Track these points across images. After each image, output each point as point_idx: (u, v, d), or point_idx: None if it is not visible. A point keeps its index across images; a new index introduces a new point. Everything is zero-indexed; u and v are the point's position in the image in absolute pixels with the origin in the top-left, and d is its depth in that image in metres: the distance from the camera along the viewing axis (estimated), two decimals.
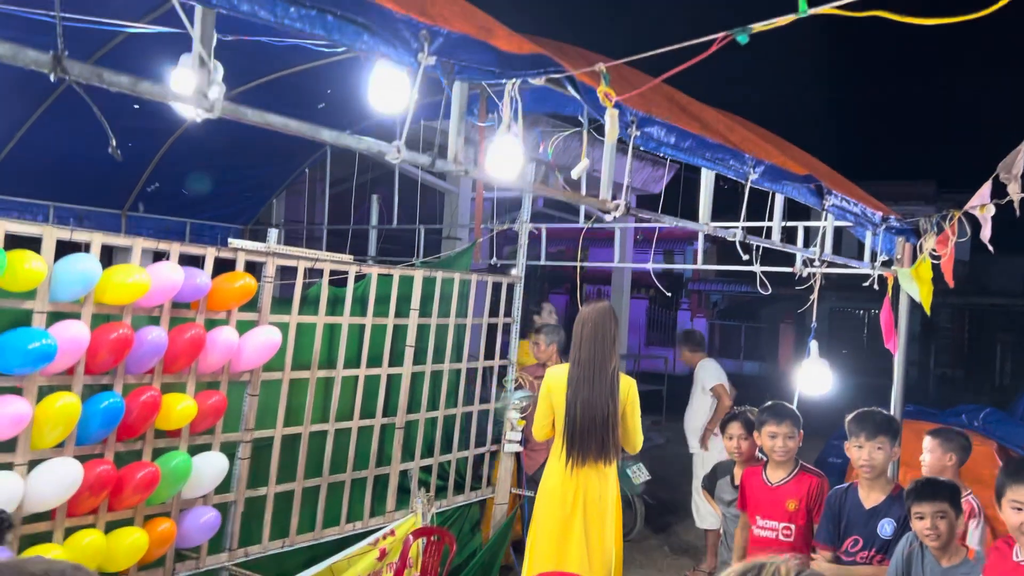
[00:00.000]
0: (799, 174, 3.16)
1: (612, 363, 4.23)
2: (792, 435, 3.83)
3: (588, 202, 2.56)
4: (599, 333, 4.22)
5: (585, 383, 4.21)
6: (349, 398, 4.46)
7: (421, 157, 1.98)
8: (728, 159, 2.73)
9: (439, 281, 4.88)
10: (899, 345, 4.39)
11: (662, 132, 2.45)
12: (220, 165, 6.34)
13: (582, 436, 4.22)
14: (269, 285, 3.92)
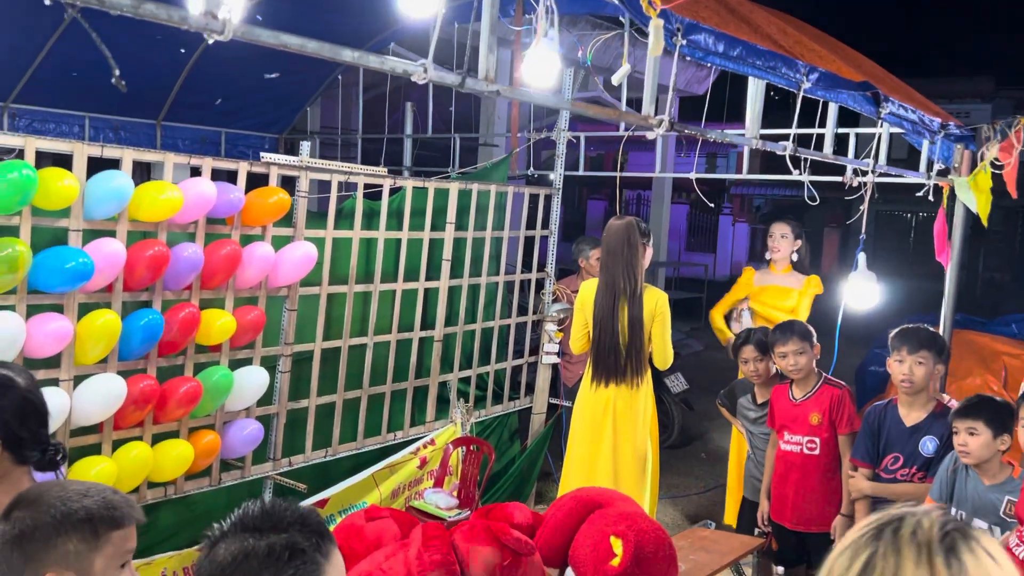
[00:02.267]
0: (855, 81, 2.97)
1: (635, 280, 4.14)
2: (802, 351, 3.79)
3: (629, 119, 2.43)
4: (620, 251, 4.14)
5: (607, 304, 4.18)
6: (387, 311, 4.46)
7: (449, 76, 1.87)
8: (780, 67, 2.56)
9: (475, 193, 4.79)
10: (952, 258, 4.22)
11: (710, 40, 2.29)
12: (253, 72, 6.21)
13: (605, 356, 4.22)
14: (303, 200, 3.87)
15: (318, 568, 1.33)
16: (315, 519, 1.39)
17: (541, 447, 5.45)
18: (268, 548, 1.31)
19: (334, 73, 6.79)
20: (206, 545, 1.36)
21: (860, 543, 0.98)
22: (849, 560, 0.97)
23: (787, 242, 4.98)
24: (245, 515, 1.37)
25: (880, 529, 0.97)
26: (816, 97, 3.03)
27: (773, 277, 5.06)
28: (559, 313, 5.35)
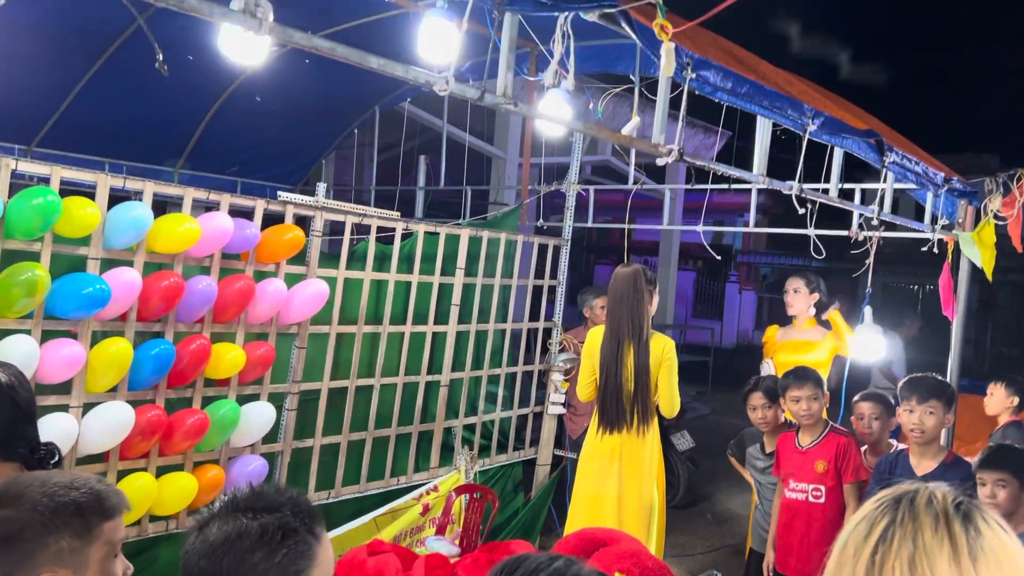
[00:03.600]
0: (859, 128, 3.05)
1: (641, 326, 4.15)
2: (816, 396, 3.79)
3: (641, 146, 2.50)
4: (627, 297, 4.16)
5: (613, 349, 4.18)
6: (395, 354, 4.48)
7: (470, 90, 1.94)
8: (786, 108, 2.64)
9: (485, 240, 4.86)
10: (958, 312, 4.25)
11: (718, 77, 2.37)
12: (270, 124, 6.38)
13: (612, 402, 4.20)
14: (317, 239, 3.94)
15: (310, 549, 1.33)
16: (306, 501, 1.39)
17: (545, 499, 5.39)
18: (261, 528, 1.31)
19: (350, 127, 6.96)
20: (195, 526, 1.36)
21: (877, 514, 0.99)
22: (867, 529, 0.98)
23: (801, 296, 4.95)
24: (236, 497, 1.36)
25: (897, 500, 0.98)
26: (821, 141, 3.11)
27: (795, 332, 5.04)
28: (566, 363, 5.35)
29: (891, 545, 0.94)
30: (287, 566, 1.31)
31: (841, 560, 0.98)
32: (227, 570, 1.30)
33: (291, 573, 1.31)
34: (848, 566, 0.96)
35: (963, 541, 0.93)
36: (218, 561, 1.30)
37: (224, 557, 1.30)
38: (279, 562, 1.30)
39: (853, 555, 0.97)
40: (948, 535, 0.94)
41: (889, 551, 0.94)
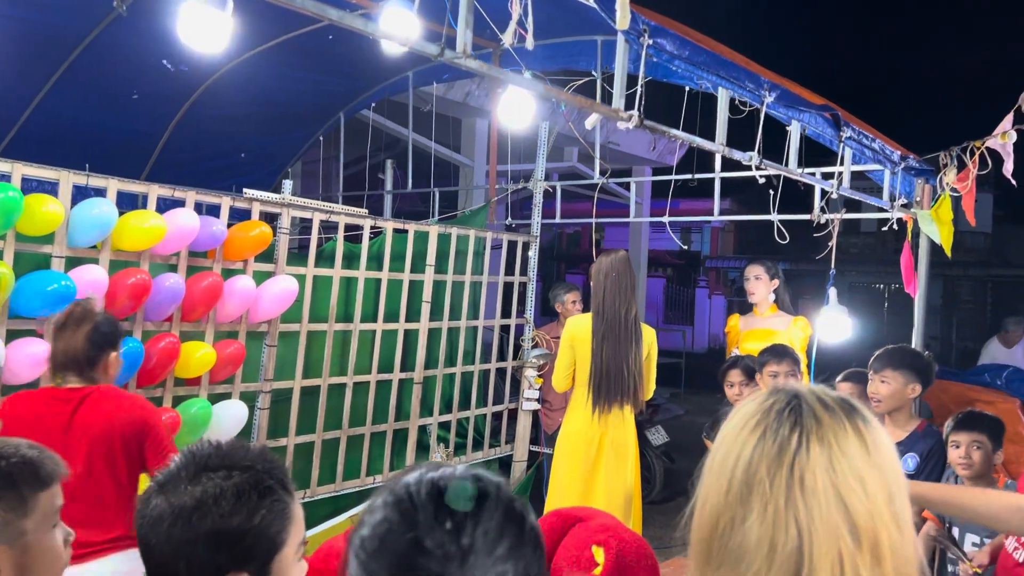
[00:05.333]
0: (816, 102, 3.12)
1: (634, 310, 4.25)
2: (793, 372, 3.83)
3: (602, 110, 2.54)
4: (620, 282, 4.22)
5: (611, 332, 4.22)
6: (367, 352, 4.47)
7: (430, 46, 1.96)
8: (743, 79, 2.70)
9: (454, 238, 4.88)
10: (919, 287, 4.34)
11: (675, 44, 2.42)
12: (235, 133, 6.34)
13: (609, 383, 4.23)
14: (285, 236, 3.93)
15: (287, 507, 1.25)
16: (274, 456, 1.30)
17: (522, 495, 5.38)
18: (236, 488, 1.20)
19: (316, 135, 6.95)
20: (152, 489, 1.22)
21: (779, 426, 0.95)
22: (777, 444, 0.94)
23: (762, 283, 5.01)
24: (198, 455, 1.23)
25: (791, 409, 0.96)
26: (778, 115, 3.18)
27: (757, 320, 5.09)
28: (539, 359, 5.37)
29: (808, 452, 0.92)
30: (267, 527, 1.21)
31: (751, 483, 0.94)
32: (204, 536, 1.18)
33: (272, 534, 1.22)
34: (762, 486, 0.93)
35: (866, 434, 0.94)
36: (193, 527, 1.18)
37: (201, 522, 1.18)
38: (259, 523, 1.20)
39: (767, 473, 0.93)
40: (855, 431, 0.94)
41: (808, 459, 0.92)
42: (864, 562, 0.89)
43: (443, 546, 0.88)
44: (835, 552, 0.89)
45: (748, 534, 0.93)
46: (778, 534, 0.91)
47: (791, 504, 0.91)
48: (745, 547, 0.93)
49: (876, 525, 0.90)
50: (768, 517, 0.92)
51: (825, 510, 0.90)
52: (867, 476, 0.92)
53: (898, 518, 0.92)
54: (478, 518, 0.91)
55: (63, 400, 2.55)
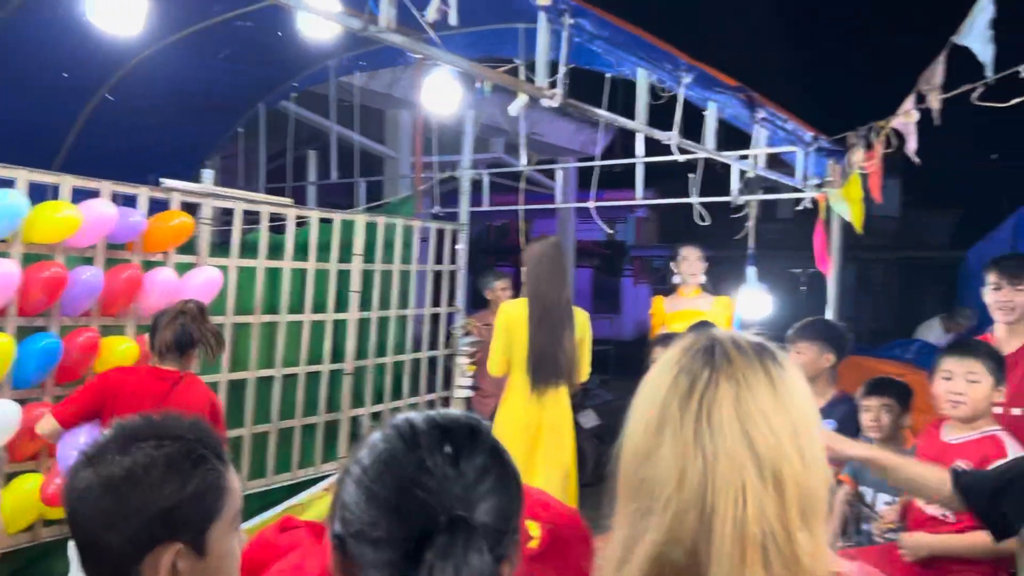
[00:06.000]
0: (731, 84, 3.23)
1: (567, 294, 4.32)
2: None
3: (525, 88, 2.57)
4: (553, 267, 4.29)
5: (547, 315, 4.28)
6: (295, 344, 4.42)
7: (353, 20, 1.96)
8: (662, 60, 2.77)
9: (381, 227, 4.85)
10: (833, 265, 4.52)
11: (595, 25, 2.47)
12: (149, 126, 6.16)
13: (546, 365, 4.29)
14: (206, 227, 3.85)
15: (221, 476, 1.22)
16: (206, 426, 1.27)
17: None
18: (167, 457, 1.17)
19: (234, 125, 6.80)
20: (81, 462, 1.18)
21: (694, 366, 1.00)
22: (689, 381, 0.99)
23: (701, 264, 5.07)
24: (128, 428, 1.21)
25: (708, 350, 1.01)
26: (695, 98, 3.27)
27: (683, 301, 5.19)
28: (471, 347, 5.39)
29: (717, 389, 0.97)
30: (201, 496, 1.19)
31: (664, 416, 0.99)
32: (136, 507, 1.15)
33: (206, 503, 1.19)
34: (673, 421, 0.98)
35: (776, 374, 0.99)
36: (124, 498, 1.14)
37: (131, 492, 1.15)
38: (193, 492, 1.18)
39: (678, 408, 0.98)
40: (764, 371, 0.99)
41: (716, 395, 0.97)
42: (766, 491, 0.94)
43: (443, 467, 0.93)
44: (738, 482, 0.94)
45: (659, 465, 0.97)
46: (686, 465, 0.96)
47: (698, 437, 0.96)
48: (656, 478, 0.97)
49: (778, 458, 0.95)
50: (677, 449, 0.96)
51: (730, 443, 0.95)
52: (772, 413, 0.97)
53: (803, 453, 0.97)
54: (473, 449, 0.96)
55: (162, 379, 2.99)
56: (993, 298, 3.35)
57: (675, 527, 0.95)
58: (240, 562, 1.26)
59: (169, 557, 1.14)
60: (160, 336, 3.03)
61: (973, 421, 2.75)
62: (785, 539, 0.94)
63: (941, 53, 3.51)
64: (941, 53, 3.51)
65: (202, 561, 1.17)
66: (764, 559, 0.93)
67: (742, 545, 0.92)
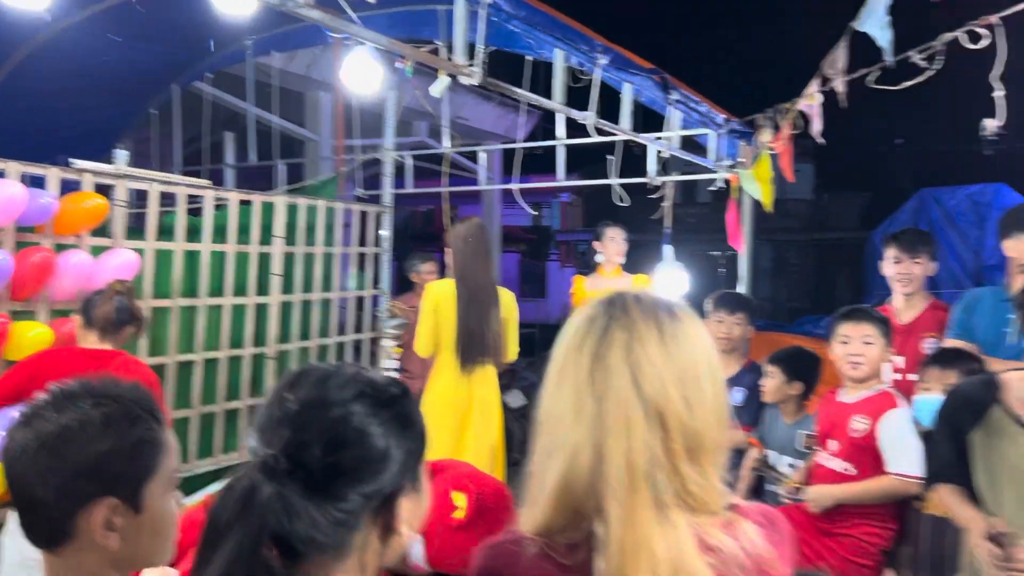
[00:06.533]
0: (646, 66, 3.33)
1: (492, 274, 4.39)
2: None
3: (443, 65, 2.61)
4: (478, 246, 4.34)
5: (474, 295, 4.33)
6: (215, 328, 4.36)
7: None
8: (578, 41, 2.84)
9: (303, 210, 4.82)
10: (745, 242, 4.71)
11: (513, 5, 2.52)
12: (54, 109, 5.94)
13: (474, 344, 4.34)
14: (121, 208, 3.77)
15: (158, 435, 1.25)
16: (142, 388, 1.29)
17: None
18: (104, 416, 1.20)
19: (146, 107, 6.61)
20: (19, 422, 1.21)
21: (595, 315, 1.12)
22: (587, 328, 1.11)
23: (619, 242, 5.16)
24: (64, 390, 1.23)
25: (610, 303, 1.13)
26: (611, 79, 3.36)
27: (604, 280, 5.29)
28: (396, 329, 5.40)
29: (611, 337, 1.08)
30: (137, 454, 1.21)
31: (566, 362, 1.10)
32: (71, 462, 1.17)
33: (142, 461, 1.22)
34: (572, 364, 1.08)
35: (667, 327, 1.10)
36: (59, 455, 1.17)
37: (67, 449, 1.17)
38: (128, 450, 1.20)
39: (577, 351, 1.09)
40: (655, 323, 1.10)
41: (611, 342, 1.08)
42: (651, 430, 1.04)
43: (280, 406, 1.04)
44: (625, 419, 1.04)
45: (560, 405, 1.09)
46: (581, 402, 1.06)
47: (593, 378, 1.07)
48: (558, 416, 1.09)
49: (662, 401, 1.05)
50: (576, 389, 1.07)
51: (619, 384, 1.06)
52: (659, 360, 1.07)
53: (688, 400, 1.07)
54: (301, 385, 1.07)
55: (96, 358, 2.96)
56: (893, 271, 3.56)
57: (573, 462, 1.05)
58: (177, 522, 1.28)
59: (103, 512, 1.16)
60: (100, 311, 3.03)
61: (867, 381, 2.96)
62: (672, 471, 1.04)
63: (843, 38, 3.67)
64: (843, 38, 3.67)
65: (138, 517, 1.19)
66: (653, 488, 1.03)
67: (631, 476, 1.03)
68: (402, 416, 1.09)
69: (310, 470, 1.00)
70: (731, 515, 1.09)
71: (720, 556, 1.04)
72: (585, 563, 1.04)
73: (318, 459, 1.01)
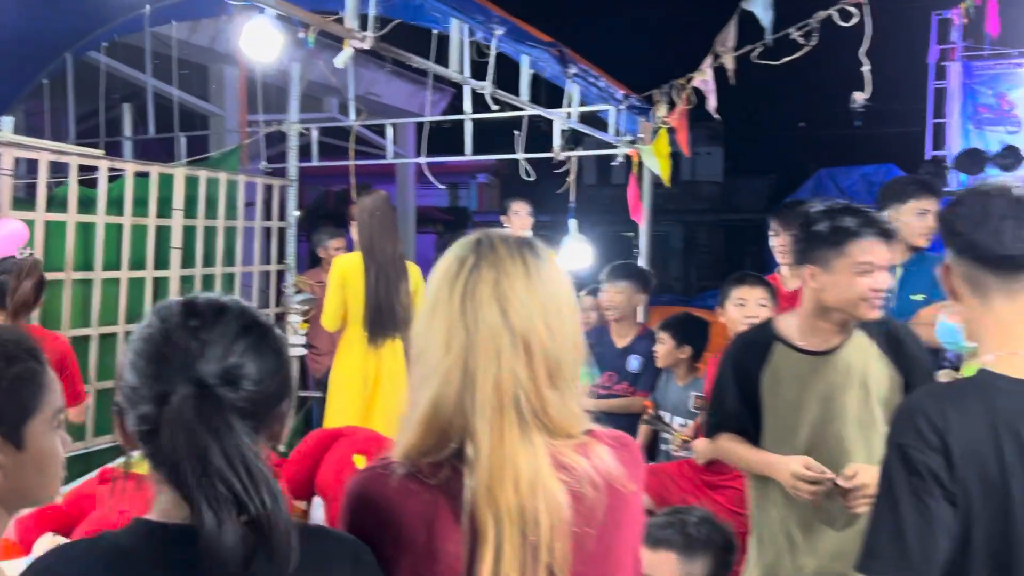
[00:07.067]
0: (544, 39, 3.40)
1: (399, 247, 4.40)
2: None
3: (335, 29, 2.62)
4: (384, 220, 4.34)
5: (382, 269, 4.33)
6: (112, 302, 4.26)
7: None
8: (474, 12, 2.89)
9: (204, 182, 4.73)
10: (644, 215, 4.87)
11: None
12: None
13: (383, 317, 4.35)
14: (7, 178, 3.63)
15: (37, 374, 1.23)
16: (21, 331, 1.29)
17: (291, 442, 5.40)
18: None
19: (37, 77, 6.33)
20: None
21: (463, 254, 1.20)
22: (458, 267, 1.18)
23: (524, 217, 5.24)
24: None
25: (477, 243, 1.21)
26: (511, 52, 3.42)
27: None
28: (303, 304, 5.37)
29: (480, 273, 1.16)
30: (17, 391, 1.20)
31: (438, 297, 1.18)
32: None
33: (22, 398, 1.21)
34: (444, 299, 1.17)
35: (533, 265, 1.19)
36: None
37: None
38: (7, 388, 1.19)
39: (448, 288, 1.17)
40: (522, 260, 1.19)
41: (479, 278, 1.16)
42: (517, 356, 1.14)
43: (185, 339, 1.02)
44: (495, 347, 1.14)
45: (433, 336, 1.17)
46: (452, 332, 1.15)
47: (464, 310, 1.15)
48: (431, 347, 1.17)
49: (528, 330, 1.15)
50: (447, 321, 1.16)
51: (488, 314, 1.15)
52: (524, 293, 1.16)
53: (551, 329, 1.17)
54: (216, 323, 1.05)
55: None
56: (774, 243, 3.78)
57: (444, 386, 1.15)
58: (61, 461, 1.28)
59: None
60: (21, 289, 2.98)
61: None
62: (535, 394, 1.14)
63: (733, 17, 3.84)
64: (733, 17, 3.84)
65: (20, 455, 1.19)
66: (517, 409, 1.13)
67: (499, 397, 1.12)
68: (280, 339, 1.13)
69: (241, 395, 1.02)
70: (586, 438, 1.20)
71: (573, 474, 1.15)
72: (447, 480, 1.14)
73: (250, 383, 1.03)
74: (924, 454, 1.30)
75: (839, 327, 2.25)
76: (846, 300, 2.17)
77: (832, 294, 2.18)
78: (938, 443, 1.30)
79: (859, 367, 2.21)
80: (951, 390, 1.44)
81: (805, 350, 2.27)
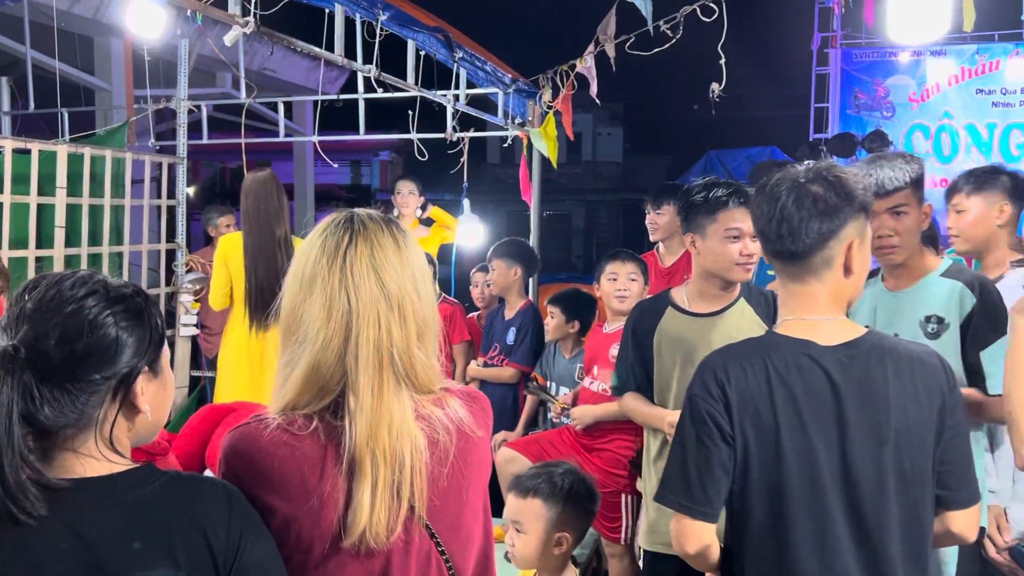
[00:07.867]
0: (429, 24, 3.50)
1: (284, 228, 4.34)
2: None
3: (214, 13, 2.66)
4: (268, 199, 4.27)
5: (262, 250, 4.26)
6: None
7: None
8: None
9: (88, 159, 4.62)
10: (533, 195, 5.05)
11: None
12: None
13: (264, 300, 4.30)
14: None
15: None
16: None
17: (185, 418, 5.38)
18: None
19: None
20: None
21: (337, 233, 1.33)
22: (335, 245, 1.32)
23: (414, 198, 5.36)
24: None
25: (348, 220, 1.35)
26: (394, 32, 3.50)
27: None
28: (194, 284, 5.33)
29: (356, 248, 1.31)
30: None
31: (315, 272, 1.31)
32: None
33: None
34: (323, 273, 1.30)
35: (400, 239, 1.36)
36: None
37: None
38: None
39: (327, 264, 1.30)
40: (391, 235, 1.35)
41: (355, 252, 1.31)
42: (394, 319, 1.31)
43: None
44: (375, 311, 1.29)
45: (312, 307, 1.31)
46: (334, 303, 1.30)
47: (343, 283, 1.30)
48: (310, 317, 1.31)
49: (402, 294, 1.32)
50: (327, 293, 1.30)
51: (367, 285, 1.30)
52: (397, 263, 1.33)
53: (419, 292, 1.35)
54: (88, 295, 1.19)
55: None
56: (646, 221, 4.05)
57: (324, 350, 1.29)
58: None
59: None
60: None
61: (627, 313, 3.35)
62: (406, 353, 1.31)
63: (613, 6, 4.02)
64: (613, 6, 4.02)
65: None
66: (393, 367, 1.30)
67: (379, 356, 1.29)
68: (133, 309, 1.23)
69: (47, 358, 1.13)
70: (442, 393, 1.38)
71: (430, 423, 1.33)
72: (322, 430, 1.29)
73: (53, 348, 1.14)
74: (707, 403, 1.57)
75: (722, 291, 2.51)
76: (720, 265, 2.45)
77: (709, 259, 2.46)
78: (719, 393, 1.56)
79: (738, 330, 2.46)
80: (741, 348, 1.68)
81: (691, 312, 2.52)
